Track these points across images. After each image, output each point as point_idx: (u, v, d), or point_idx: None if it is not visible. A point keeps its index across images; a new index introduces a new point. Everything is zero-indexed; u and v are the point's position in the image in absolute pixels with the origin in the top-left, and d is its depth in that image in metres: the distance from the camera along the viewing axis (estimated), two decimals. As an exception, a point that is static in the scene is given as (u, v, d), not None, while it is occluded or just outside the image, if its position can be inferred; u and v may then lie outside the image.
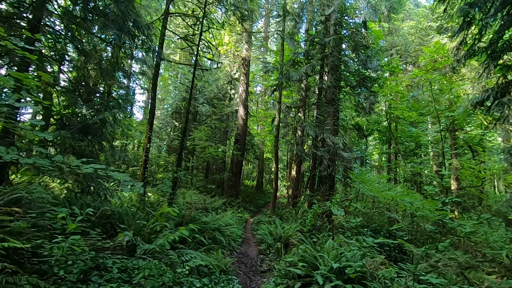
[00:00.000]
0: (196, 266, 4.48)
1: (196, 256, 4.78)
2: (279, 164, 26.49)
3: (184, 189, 14.18)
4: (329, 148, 11.07)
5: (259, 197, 21.10)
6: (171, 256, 4.47)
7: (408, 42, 15.01)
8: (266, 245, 8.77)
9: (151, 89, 12.04)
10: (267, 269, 7.02)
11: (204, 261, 4.80)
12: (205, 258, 4.82)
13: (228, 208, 13.45)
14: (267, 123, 21.16)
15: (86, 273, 3.52)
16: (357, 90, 12.72)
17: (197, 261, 4.43)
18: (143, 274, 3.54)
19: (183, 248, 5.29)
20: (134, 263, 4.09)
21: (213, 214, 10.25)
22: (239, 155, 16.50)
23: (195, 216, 7.67)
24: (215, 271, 4.77)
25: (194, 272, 4.51)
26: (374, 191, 7.52)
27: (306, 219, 10.20)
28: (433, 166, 17.55)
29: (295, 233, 8.68)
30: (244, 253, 8.62)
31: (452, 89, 10.68)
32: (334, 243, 6.32)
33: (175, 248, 5.32)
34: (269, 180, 29.91)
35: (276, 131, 13.79)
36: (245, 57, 17.14)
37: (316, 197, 10.20)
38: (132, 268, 3.92)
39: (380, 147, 18.84)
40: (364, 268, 4.89)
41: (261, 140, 23.43)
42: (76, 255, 3.75)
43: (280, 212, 13.82)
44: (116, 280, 3.45)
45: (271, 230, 9.37)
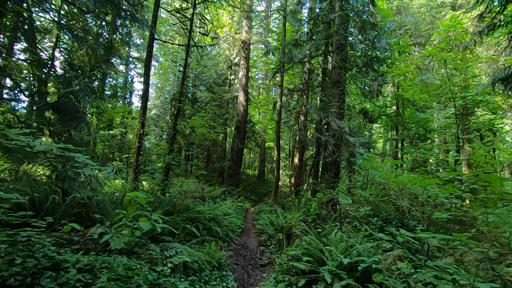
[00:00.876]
0: (181, 263, 3.73)
1: (182, 251, 4.03)
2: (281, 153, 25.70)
3: (182, 178, 13.45)
4: (334, 133, 10.21)
5: (261, 186, 20.38)
6: (150, 252, 3.71)
7: (418, 20, 13.91)
8: (267, 236, 8.04)
9: (144, 71, 11.16)
10: (267, 263, 6.29)
11: (193, 256, 4.05)
12: (194, 252, 4.07)
13: (228, 197, 12.74)
14: (268, 110, 20.26)
15: (36, 275, 2.75)
16: (364, 72, 11.75)
17: (182, 257, 3.68)
18: (108, 276, 2.78)
19: (169, 241, 4.54)
20: (104, 260, 3.33)
21: (210, 203, 9.52)
22: (239, 142, 15.70)
23: (189, 205, 6.92)
24: (205, 268, 4.02)
25: (178, 270, 3.76)
26: (386, 178, 6.70)
27: (309, 208, 9.44)
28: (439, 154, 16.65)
29: (298, 223, 7.93)
30: (243, 245, 7.91)
31: (468, 68, 9.71)
32: (343, 235, 5.54)
33: (160, 241, 4.57)
34: (271, 169, 29.18)
35: (277, 117, 12.92)
36: (245, 40, 16.13)
37: (320, 185, 9.41)
38: (100, 267, 3.16)
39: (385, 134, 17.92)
40: (380, 265, 4.11)
41: (263, 128, 22.56)
42: (30, 252, 3.00)
43: (282, 201, 13.08)
44: (73, 284, 2.69)
45: (272, 220, 8.63)
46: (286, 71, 13.40)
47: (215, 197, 11.59)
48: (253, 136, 18.41)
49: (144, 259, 3.80)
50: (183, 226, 5.37)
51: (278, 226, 8.07)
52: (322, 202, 8.75)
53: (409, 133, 11.62)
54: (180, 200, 6.56)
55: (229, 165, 15.90)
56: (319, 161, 11.63)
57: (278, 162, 12.87)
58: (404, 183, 6.53)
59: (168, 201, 6.52)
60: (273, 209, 10.58)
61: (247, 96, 16.43)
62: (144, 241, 4.19)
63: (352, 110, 12.84)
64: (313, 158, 11.89)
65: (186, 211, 6.71)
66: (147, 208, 5.53)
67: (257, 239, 8.53)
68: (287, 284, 4.59)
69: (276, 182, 12.89)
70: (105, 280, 2.68)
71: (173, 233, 4.86)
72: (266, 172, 27.63)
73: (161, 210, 5.85)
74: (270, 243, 7.56)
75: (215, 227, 6.87)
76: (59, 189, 4.92)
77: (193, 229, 5.34)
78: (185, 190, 10.83)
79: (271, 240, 7.64)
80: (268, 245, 7.54)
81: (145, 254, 3.89)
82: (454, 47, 11.08)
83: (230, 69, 18.23)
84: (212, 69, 16.79)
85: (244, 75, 16.24)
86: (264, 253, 7.03)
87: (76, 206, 4.47)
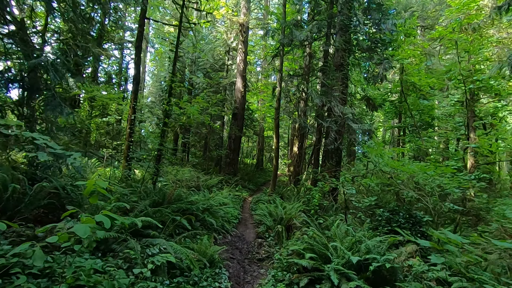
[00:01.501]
0: (164, 263, 3.15)
1: (167, 248, 3.45)
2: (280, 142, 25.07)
3: (177, 166, 12.87)
4: (337, 119, 9.58)
5: (259, 175, 19.85)
6: (127, 252, 3.12)
7: (426, 1, 13.08)
8: (265, 227, 7.51)
9: (135, 53, 10.39)
10: (265, 257, 5.76)
11: (180, 253, 3.47)
12: (181, 250, 3.50)
13: (225, 186, 12.19)
14: (267, 97, 19.51)
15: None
16: (368, 55, 11.01)
17: (166, 256, 3.11)
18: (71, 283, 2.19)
19: (154, 236, 3.96)
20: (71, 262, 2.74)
21: (206, 192, 8.95)
22: (237, 130, 15.05)
23: (181, 195, 6.33)
24: (194, 268, 3.45)
25: (162, 271, 3.19)
26: (393, 166, 6.12)
27: (310, 197, 8.90)
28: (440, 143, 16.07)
29: (299, 214, 7.39)
30: (239, 236, 7.38)
31: (480, 50, 9.01)
32: (349, 228, 4.99)
33: (145, 236, 3.99)
34: (269, 158, 28.62)
35: (276, 103, 12.24)
36: (243, 22, 15.25)
37: (321, 174, 8.84)
38: (62, 272, 2.57)
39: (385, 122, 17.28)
40: (395, 264, 3.56)
41: (261, 116, 21.85)
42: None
43: (281, 190, 12.55)
44: (19, 295, 2.10)
45: (271, 210, 8.09)
46: (286, 55, 12.63)
47: (211, 186, 11.03)
48: (252, 124, 17.74)
49: (122, 258, 3.22)
50: (172, 218, 4.79)
51: (277, 217, 7.53)
52: (323, 191, 8.20)
53: (414, 120, 10.99)
54: (170, 189, 5.96)
55: (227, 153, 15.30)
56: (319, 149, 11.04)
57: (277, 150, 12.27)
58: (413, 171, 5.95)
59: (158, 190, 5.92)
60: (272, 199, 10.05)
61: (245, 82, 15.67)
62: (125, 236, 3.61)
63: (354, 96, 12.16)
64: (314, 145, 11.29)
65: (178, 201, 6.12)
66: (132, 198, 4.93)
67: (254, 230, 8.00)
68: (287, 284, 4.06)
69: (274, 171, 12.33)
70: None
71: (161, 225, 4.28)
72: (265, 161, 27.08)
73: (148, 200, 5.25)
74: (268, 235, 7.04)
75: (209, 218, 6.31)
76: (34, 177, 4.31)
77: (184, 222, 4.76)
78: (180, 179, 10.26)
79: (270, 232, 7.12)
80: (266, 237, 7.01)
81: (124, 252, 3.31)
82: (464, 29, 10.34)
83: (227, 54, 17.38)
84: (209, 53, 15.95)
85: (242, 60, 15.43)
86: (262, 246, 6.50)
87: (47, 196, 3.86)
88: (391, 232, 6.01)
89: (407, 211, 6.59)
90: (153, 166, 6.79)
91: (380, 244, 4.33)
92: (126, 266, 3.14)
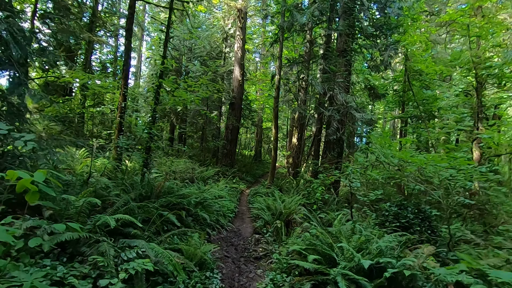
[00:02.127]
0: (141, 271, 2.60)
1: (147, 250, 2.91)
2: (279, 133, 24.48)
3: (172, 158, 12.29)
4: (339, 108, 8.98)
5: (257, 167, 19.32)
6: (96, 257, 2.56)
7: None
8: (263, 221, 6.98)
9: (125, 36, 9.68)
10: (262, 255, 5.25)
11: (162, 257, 2.93)
12: (164, 253, 2.95)
13: (222, 178, 11.64)
14: (266, 88, 18.84)
15: None
16: (372, 41, 10.33)
17: (142, 262, 2.57)
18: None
19: (135, 236, 3.39)
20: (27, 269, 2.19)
21: (200, 184, 8.41)
22: (234, 120, 14.43)
23: (172, 187, 5.77)
24: (178, 274, 2.90)
25: (139, 279, 2.64)
26: (403, 157, 5.57)
27: (310, 190, 8.38)
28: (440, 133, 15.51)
29: (298, 209, 6.87)
30: (235, 231, 6.87)
31: (493, 34, 8.39)
32: (357, 225, 4.45)
33: (123, 235, 3.44)
34: (267, 150, 28.08)
35: (275, 92, 11.60)
36: (241, 7, 14.46)
37: (323, 165, 8.30)
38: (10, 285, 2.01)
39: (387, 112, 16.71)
40: (415, 271, 3.03)
41: (260, 107, 21.19)
42: None
43: (280, 182, 12.03)
44: None
45: (269, 204, 7.56)
46: (285, 40, 11.94)
47: (207, 178, 10.48)
48: (250, 114, 17.10)
49: (92, 263, 2.67)
50: (159, 213, 4.24)
51: (275, 211, 7.01)
52: (324, 184, 7.67)
53: (420, 110, 10.40)
54: (160, 181, 5.39)
55: (224, 144, 14.70)
56: (320, 140, 10.47)
57: (276, 141, 11.70)
58: (424, 163, 5.41)
59: (146, 182, 5.35)
60: (270, 192, 9.53)
61: (243, 71, 14.98)
62: (98, 236, 3.05)
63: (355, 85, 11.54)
64: (314, 136, 10.71)
65: (168, 194, 5.57)
66: (113, 191, 4.37)
67: (251, 225, 7.49)
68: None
69: (273, 163, 11.79)
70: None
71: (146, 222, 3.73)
72: (263, 152, 26.54)
73: (134, 193, 4.69)
74: (266, 230, 6.52)
75: (202, 213, 5.77)
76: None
77: (172, 217, 4.21)
78: (174, 171, 9.70)
79: (268, 227, 6.60)
80: (263, 232, 6.50)
81: (97, 252, 2.76)
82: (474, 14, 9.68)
83: (225, 41, 16.61)
84: (205, 40, 15.18)
85: (240, 47, 14.70)
86: (259, 242, 5.99)
87: (9, 189, 3.28)
88: (400, 228, 5.51)
89: (415, 206, 6.08)
90: (142, 156, 6.20)
91: (390, 243, 3.81)
92: (95, 273, 2.59)
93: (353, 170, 5.17)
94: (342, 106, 9.13)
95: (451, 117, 14.61)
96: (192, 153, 16.24)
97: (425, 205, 6.40)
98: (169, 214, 4.28)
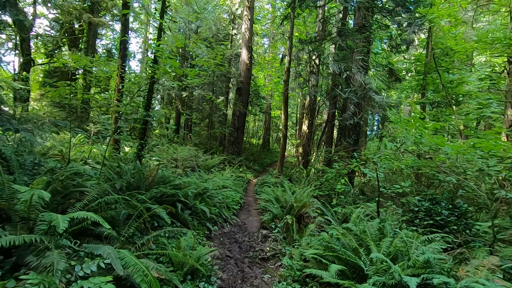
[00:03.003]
0: None
1: (114, 260, 2.11)
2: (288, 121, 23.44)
3: (176, 145, 11.54)
4: (357, 90, 7.96)
5: (265, 156, 18.48)
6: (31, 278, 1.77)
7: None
8: (271, 215, 6.17)
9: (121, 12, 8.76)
10: (270, 256, 4.44)
11: (135, 270, 2.13)
12: (137, 264, 2.15)
13: (227, 167, 10.85)
14: (275, 73, 17.74)
15: None
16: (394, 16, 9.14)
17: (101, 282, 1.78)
18: None
19: (108, 237, 2.61)
20: None
21: (202, 173, 7.62)
22: (241, 106, 13.51)
23: (167, 176, 4.98)
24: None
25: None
26: (439, 143, 4.61)
27: (323, 181, 7.50)
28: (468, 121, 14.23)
29: (311, 202, 6.02)
30: (240, 226, 6.08)
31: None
32: (386, 225, 3.58)
33: (94, 237, 2.66)
34: (276, 138, 27.13)
35: (285, 74, 10.59)
36: (249, -15, 13.31)
37: (337, 153, 7.37)
38: None
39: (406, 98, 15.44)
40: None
41: (268, 94, 20.14)
42: None
43: (289, 172, 11.17)
44: None
45: (278, 195, 6.73)
46: (296, 19, 10.83)
47: (211, 166, 9.70)
48: (258, 99, 16.11)
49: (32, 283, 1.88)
50: (145, 207, 3.45)
51: (285, 204, 6.17)
52: (340, 174, 6.76)
53: (447, 93, 9.25)
54: (150, 169, 4.58)
55: (230, 131, 13.85)
56: (334, 126, 9.49)
57: (285, 127, 10.77)
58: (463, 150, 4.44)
59: (136, 170, 4.56)
60: (279, 181, 8.69)
61: (250, 54, 13.94)
62: (55, 239, 2.27)
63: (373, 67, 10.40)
64: (326, 122, 9.72)
65: (161, 184, 4.79)
66: (92, 181, 3.59)
67: (258, 218, 6.70)
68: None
69: (282, 151, 10.90)
70: None
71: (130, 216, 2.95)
72: (272, 141, 25.61)
73: (119, 183, 3.91)
74: (274, 225, 5.72)
75: (202, 206, 4.98)
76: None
77: (161, 212, 3.42)
78: (176, 158, 8.94)
79: (276, 222, 5.79)
80: (272, 227, 5.69)
81: (42, 265, 1.98)
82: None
83: (232, 23, 15.51)
84: (211, 22, 14.14)
85: (248, 29, 13.62)
86: (266, 239, 5.19)
87: None
88: (432, 227, 4.61)
89: (449, 200, 5.14)
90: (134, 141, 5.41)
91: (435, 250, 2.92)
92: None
93: (382, 158, 4.24)
94: (358, 89, 8.11)
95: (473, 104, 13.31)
96: (198, 141, 15.49)
97: (459, 199, 5.44)
98: (159, 208, 3.48)
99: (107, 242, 2.70)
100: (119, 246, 2.61)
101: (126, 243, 2.75)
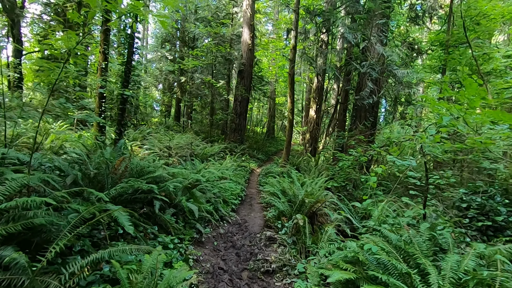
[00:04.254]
0: None
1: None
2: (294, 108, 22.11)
3: (172, 132, 10.49)
4: (375, 65, 6.69)
5: (270, 144, 17.35)
6: None
7: None
8: (276, 211, 5.10)
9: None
10: (277, 268, 3.38)
11: None
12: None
13: (228, 155, 9.78)
14: (279, 56, 16.37)
15: None
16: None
17: None
18: None
19: (18, 268, 1.56)
20: None
21: (196, 162, 6.55)
22: (243, 90, 12.32)
23: (144, 167, 3.91)
24: None
25: None
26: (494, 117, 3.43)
27: (337, 170, 6.37)
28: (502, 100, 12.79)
29: (325, 195, 4.92)
30: (240, 225, 5.02)
31: None
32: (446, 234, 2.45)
33: None
34: (281, 126, 25.90)
35: (291, 53, 9.32)
36: (250, -45, 11.88)
37: (354, 138, 6.21)
38: None
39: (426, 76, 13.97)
40: None
41: (273, 78, 18.81)
42: None
43: (296, 161, 10.05)
44: None
45: (285, 187, 5.63)
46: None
47: (210, 155, 8.63)
48: (261, 83, 14.85)
49: None
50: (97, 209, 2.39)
51: (293, 198, 5.07)
52: (359, 161, 5.62)
53: (479, 70, 7.88)
54: (119, 158, 3.50)
55: (232, 118, 12.72)
56: (346, 107, 8.28)
57: (291, 112, 9.59)
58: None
59: (100, 159, 3.48)
60: (286, 171, 7.60)
61: (252, 33, 12.62)
62: None
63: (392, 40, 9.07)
64: (338, 102, 8.49)
65: (138, 176, 3.72)
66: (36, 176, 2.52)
67: (261, 214, 5.63)
68: None
69: (288, 137, 9.75)
70: None
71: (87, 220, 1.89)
72: (276, 129, 24.40)
73: (71, 177, 2.85)
74: (281, 224, 4.65)
75: (189, 203, 3.91)
76: None
77: (121, 218, 2.36)
78: (169, 146, 7.88)
79: (283, 220, 4.72)
80: (278, 227, 4.62)
81: None
82: None
83: (232, 0, 14.12)
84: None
85: (249, 5, 12.27)
86: (271, 243, 4.12)
87: None
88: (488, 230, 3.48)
89: (503, 194, 3.98)
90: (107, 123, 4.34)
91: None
92: None
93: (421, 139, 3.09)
94: (376, 64, 6.84)
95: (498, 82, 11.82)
96: (199, 129, 14.42)
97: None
98: (118, 210, 2.42)
99: (10, 273, 1.64)
100: (27, 279, 1.54)
101: (41, 274, 1.69)
